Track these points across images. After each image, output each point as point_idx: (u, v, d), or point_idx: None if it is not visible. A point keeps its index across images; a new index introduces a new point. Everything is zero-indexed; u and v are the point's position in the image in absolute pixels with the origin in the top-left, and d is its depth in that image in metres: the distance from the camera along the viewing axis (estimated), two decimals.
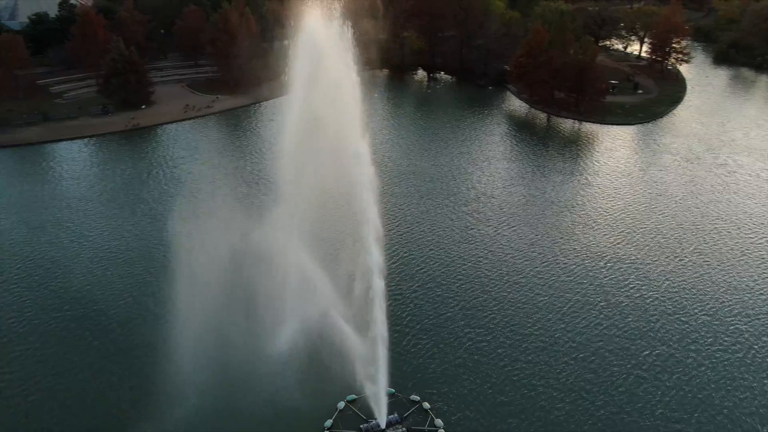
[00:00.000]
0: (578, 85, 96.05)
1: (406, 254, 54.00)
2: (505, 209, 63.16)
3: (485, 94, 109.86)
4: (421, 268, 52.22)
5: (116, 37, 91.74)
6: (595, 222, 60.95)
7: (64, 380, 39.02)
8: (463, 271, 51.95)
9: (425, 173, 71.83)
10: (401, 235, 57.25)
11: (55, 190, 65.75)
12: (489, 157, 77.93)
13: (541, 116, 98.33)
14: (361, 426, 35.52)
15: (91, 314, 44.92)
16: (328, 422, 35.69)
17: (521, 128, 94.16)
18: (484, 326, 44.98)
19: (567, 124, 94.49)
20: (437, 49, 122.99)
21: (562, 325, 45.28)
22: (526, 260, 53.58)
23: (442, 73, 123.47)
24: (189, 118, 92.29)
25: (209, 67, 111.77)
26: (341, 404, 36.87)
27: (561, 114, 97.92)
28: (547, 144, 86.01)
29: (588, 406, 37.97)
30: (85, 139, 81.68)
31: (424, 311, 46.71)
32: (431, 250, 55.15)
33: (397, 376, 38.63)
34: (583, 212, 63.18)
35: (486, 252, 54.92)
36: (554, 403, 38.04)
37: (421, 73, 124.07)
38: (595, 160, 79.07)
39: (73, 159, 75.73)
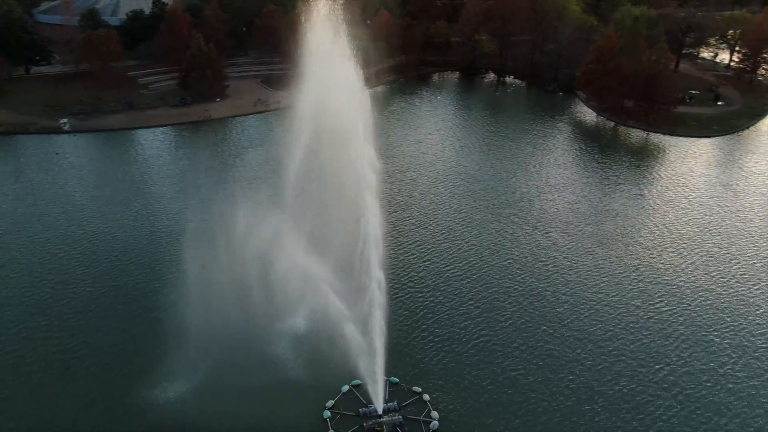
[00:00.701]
0: (648, 94, 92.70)
1: (432, 250, 55.35)
2: (546, 215, 62.83)
3: (553, 100, 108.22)
4: (446, 265, 53.35)
5: (198, 34, 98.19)
6: (638, 233, 59.44)
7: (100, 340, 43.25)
8: (488, 273, 52.56)
9: (473, 174, 72.54)
10: (431, 234, 58.51)
11: (126, 172, 71.99)
12: (544, 163, 77.21)
13: (608, 125, 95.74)
14: (360, 409, 37.35)
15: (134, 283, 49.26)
16: (330, 403, 37.79)
17: (584, 136, 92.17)
18: (498, 327, 45.58)
19: (634, 134, 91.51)
20: (508, 53, 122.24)
21: (577, 333, 45.00)
22: (555, 267, 53.36)
23: (512, 77, 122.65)
24: (257, 112, 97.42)
25: (284, 64, 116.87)
26: (345, 387, 38.84)
27: (629, 123, 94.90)
28: (609, 153, 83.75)
29: (587, 414, 37.85)
30: (162, 128, 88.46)
31: (439, 306, 47.95)
32: (459, 249, 56.12)
33: (403, 368, 40.29)
34: (627, 222, 61.69)
35: (516, 256, 55.10)
36: (553, 411, 38.18)
37: (491, 76, 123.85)
38: (657, 172, 76.52)
39: (148, 145, 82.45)
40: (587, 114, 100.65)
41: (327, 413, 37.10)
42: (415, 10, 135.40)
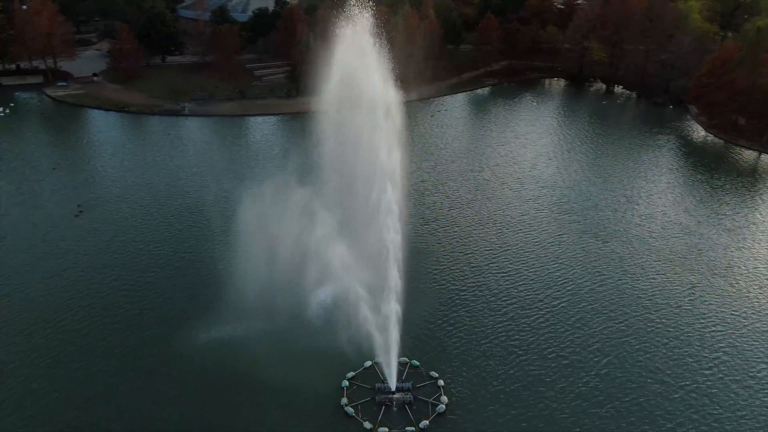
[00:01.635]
0: (764, 112, 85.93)
1: (481, 246, 56.47)
2: (612, 226, 61.22)
3: (661, 113, 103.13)
4: (489, 262, 54.34)
5: (308, 32, 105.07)
6: (707, 253, 56.40)
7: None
8: (529, 273, 52.93)
9: (548, 178, 72.14)
10: (486, 231, 59.56)
11: (225, 153, 79.67)
12: (629, 175, 74.61)
13: (716, 142, 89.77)
14: (376, 384, 39.94)
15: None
16: (350, 374, 40.73)
17: (685, 152, 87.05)
18: (525, 328, 45.95)
19: (744, 155, 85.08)
20: (619, 62, 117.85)
21: (600, 343, 44.46)
22: (600, 276, 52.48)
23: (621, 86, 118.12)
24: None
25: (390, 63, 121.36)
26: (367, 363, 41.53)
27: (740, 142, 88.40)
28: (709, 172, 78.58)
29: (597, 420, 37.71)
30: (265, 116, 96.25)
31: (474, 300, 49.31)
32: (507, 248, 56.84)
33: (426, 353, 42.42)
34: (700, 241, 58.56)
35: (564, 260, 54.73)
36: (559, 411, 38.38)
37: (598, 85, 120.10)
38: (761, 197, 70.88)
39: (249, 130, 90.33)
40: (695, 130, 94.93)
41: (345, 383, 40.06)
42: (528, 14, 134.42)
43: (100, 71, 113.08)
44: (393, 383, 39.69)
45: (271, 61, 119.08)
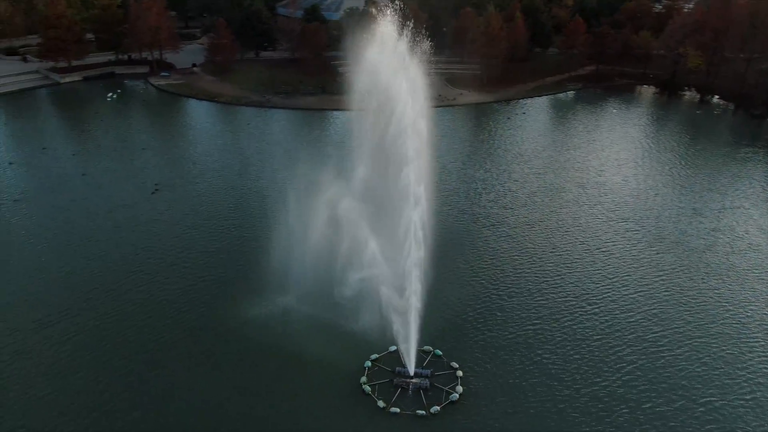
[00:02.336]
0: None
1: (524, 244, 56.38)
2: (670, 236, 58.84)
3: (758, 126, 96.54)
4: (536, 264, 54.11)
5: None
6: (762, 277, 53.08)
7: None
8: (570, 275, 52.25)
9: (612, 185, 70.16)
10: (534, 231, 59.29)
11: (298, 144, 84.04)
12: (698, 187, 70.99)
13: None
14: (397, 368, 41.59)
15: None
16: (374, 356, 42.63)
17: None
18: (554, 329, 45.66)
19: None
20: (716, 70, 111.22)
21: (625, 353, 43.30)
22: (644, 284, 50.95)
23: (717, 96, 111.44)
24: (431, 106, 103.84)
25: (472, 64, 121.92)
26: (392, 348, 43.20)
27: None
28: None
29: (607, 425, 37.23)
30: (340, 111, 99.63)
31: (507, 296, 49.67)
32: (552, 248, 56.25)
33: (450, 343, 43.54)
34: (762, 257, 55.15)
35: (609, 265, 53.50)
36: (571, 411, 38.18)
37: (692, 94, 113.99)
38: None
39: (321, 124, 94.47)
40: None
41: (368, 363, 42.00)
42: (622, 17, 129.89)
43: (199, 64, 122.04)
44: (412, 368, 41.15)
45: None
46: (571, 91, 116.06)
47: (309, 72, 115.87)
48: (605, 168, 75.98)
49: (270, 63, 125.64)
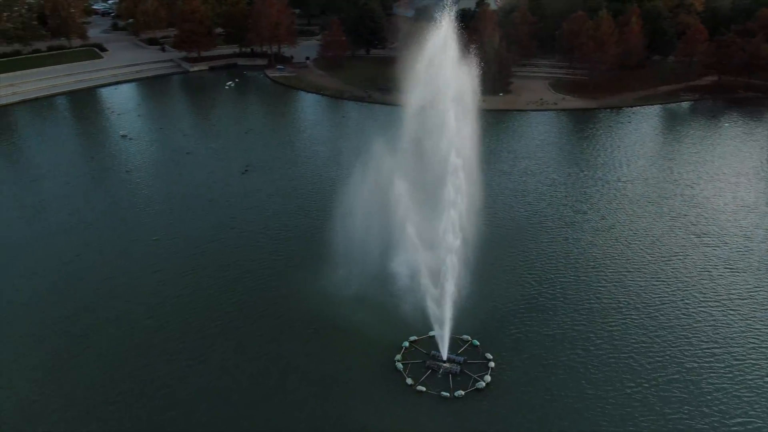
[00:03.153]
0: None
1: (583, 237, 55.28)
2: (756, 258, 54.90)
3: None
4: (595, 269, 53.02)
5: (494, 33, 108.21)
6: None
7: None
8: (632, 286, 50.64)
9: (703, 204, 66.22)
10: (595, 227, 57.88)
11: (382, 136, 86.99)
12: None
13: None
14: (432, 351, 43.36)
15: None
16: (413, 337, 44.64)
17: None
18: (605, 334, 44.93)
19: None
20: None
21: (670, 367, 41.58)
22: (718, 307, 48.11)
23: None
24: (530, 110, 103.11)
25: (581, 69, 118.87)
26: (432, 332, 45.02)
27: None
28: None
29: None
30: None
31: (554, 290, 50.05)
32: (613, 242, 54.73)
33: (489, 335, 44.54)
34: None
35: (677, 284, 51.16)
36: (598, 415, 37.77)
37: None
38: None
39: (412, 119, 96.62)
40: None
41: (406, 343, 44.06)
42: (755, 26, 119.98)
43: (312, 59, 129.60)
44: (445, 353, 42.73)
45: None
46: (686, 102, 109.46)
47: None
48: (699, 181, 71.79)
49: (379, 60, 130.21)
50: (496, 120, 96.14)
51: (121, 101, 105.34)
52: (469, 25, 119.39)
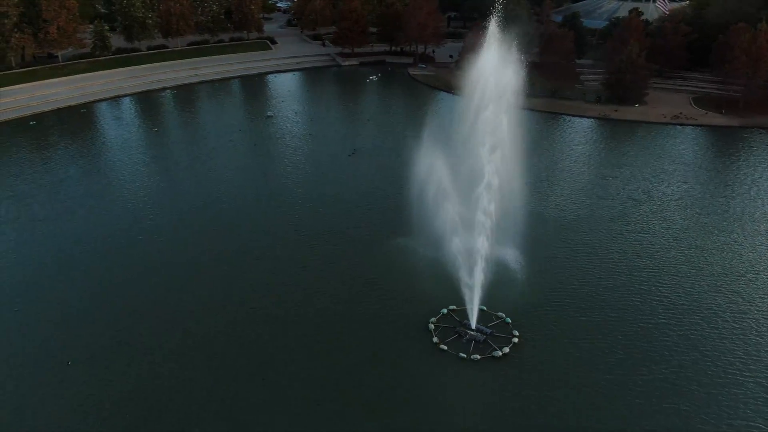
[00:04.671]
0: None
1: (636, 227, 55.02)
2: None
3: None
4: (648, 269, 52.96)
5: (632, 42, 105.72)
6: None
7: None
8: (686, 288, 50.14)
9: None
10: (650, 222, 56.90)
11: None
12: None
13: None
14: (464, 321, 47.81)
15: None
16: (452, 306, 49.35)
17: None
18: (638, 330, 45.76)
19: None
20: None
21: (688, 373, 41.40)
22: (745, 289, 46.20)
23: None
24: (663, 123, 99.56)
25: (733, 85, 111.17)
26: (470, 306, 49.33)
27: None
28: None
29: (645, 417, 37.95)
30: (557, 114, 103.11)
31: (607, 291, 51.27)
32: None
33: (520, 313, 47.90)
34: None
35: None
36: (614, 406, 39.57)
37: None
38: None
39: (528, 123, 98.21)
40: None
41: (444, 310, 48.81)
42: None
43: (454, 59, 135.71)
44: (474, 323, 46.96)
45: (601, 68, 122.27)
46: None
47: (550, 76, 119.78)
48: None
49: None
50: (620, 131, 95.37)
51: (277, 87, 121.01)
52: (613, 33, 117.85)
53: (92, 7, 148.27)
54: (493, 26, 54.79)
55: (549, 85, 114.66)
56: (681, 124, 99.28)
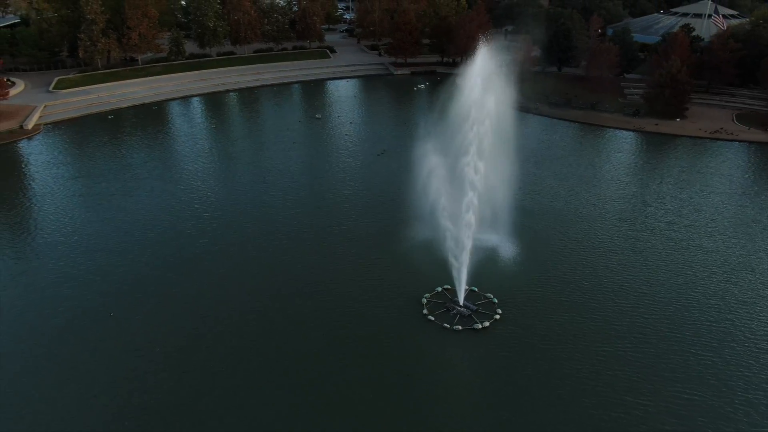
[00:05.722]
0: None
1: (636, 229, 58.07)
2: None
3: None
4: (644, 272, 56.21)
5: (673, 57, 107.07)
6: None
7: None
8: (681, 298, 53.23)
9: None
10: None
11: (527, 143, 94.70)
12: None
13: None
14: (454, 298, 53.09)
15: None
16: (447, 285, 54.64)
17: None
18: (619, 328, 49.45)
19: None
20: None
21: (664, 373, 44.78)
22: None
23: None
24: (693, 137, 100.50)
25: None
26: (467, 287, 54.26)
27: None
28: None
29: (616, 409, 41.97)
30: (591, 126, 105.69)
31: (595, 290, 54.68)
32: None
33: (511, 297, 52.76)
34: None
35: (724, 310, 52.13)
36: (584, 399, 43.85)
37: None
38: None
39: (560, 132, 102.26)
40: None
41: (439, 288, 54.15)
42: None
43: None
44: (461, 300, 52.22)
45: (644, 82, 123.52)
46: None
47: (594, 89, 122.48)
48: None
49: (566, 78, 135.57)
50: (651, 143, 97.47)
51: (330, 92, 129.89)
52: (659, 48, 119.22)
53: (174, 16, 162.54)
54: (538, 40, 59.38)
55: (590, 98, 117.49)
56: (718, 139, 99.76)
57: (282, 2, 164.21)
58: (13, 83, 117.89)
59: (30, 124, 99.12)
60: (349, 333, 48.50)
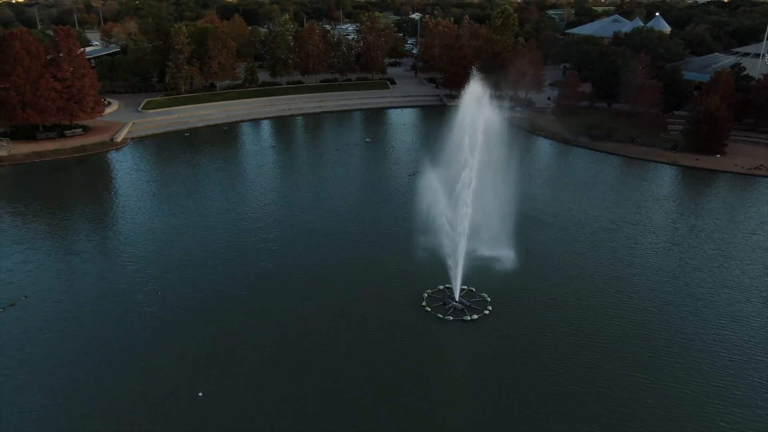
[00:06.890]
0: None
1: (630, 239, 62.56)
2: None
3: None
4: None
5: (712, 95, 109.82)
6: None
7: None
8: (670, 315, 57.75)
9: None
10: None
11: (557, 173, 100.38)
12: None
13: None
14: (452, 294, 60.07)
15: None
16: (447, 284, 61.72)
17: None
18: (602, 336, 54.61)
19: None
20: None
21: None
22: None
23: None
24: (729, 172, 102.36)
25: None
26: (465, 287, 61.03)
27: None
28: None
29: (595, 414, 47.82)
30: (626, 158, 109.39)
31: (583, 297, 59.79)
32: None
33: (504, 295, 59.16)
34: None
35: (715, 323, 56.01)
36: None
37: None
38: None
39: (590, 164, 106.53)
40: None
41: (441, 286, 61.38)
42: None
43: (551, 105, 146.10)
44: (457, 295, 59.13)
45: (686, 119, 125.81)
46: None
47: (638, 124, 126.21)
48: None
49: (611, 112, 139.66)
50: (684, 176, 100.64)
51: (384, 119, 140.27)
52: (703, 86, 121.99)
53: (254, 47, 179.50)
54: (589, 76, 65.91)
55: (631, 132, 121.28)
56: (755, 175, 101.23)
57: (351, 36, 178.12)
58: (110, 103, 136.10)
59: (119, 138, 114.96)
60: (363, 313, 56.78)
